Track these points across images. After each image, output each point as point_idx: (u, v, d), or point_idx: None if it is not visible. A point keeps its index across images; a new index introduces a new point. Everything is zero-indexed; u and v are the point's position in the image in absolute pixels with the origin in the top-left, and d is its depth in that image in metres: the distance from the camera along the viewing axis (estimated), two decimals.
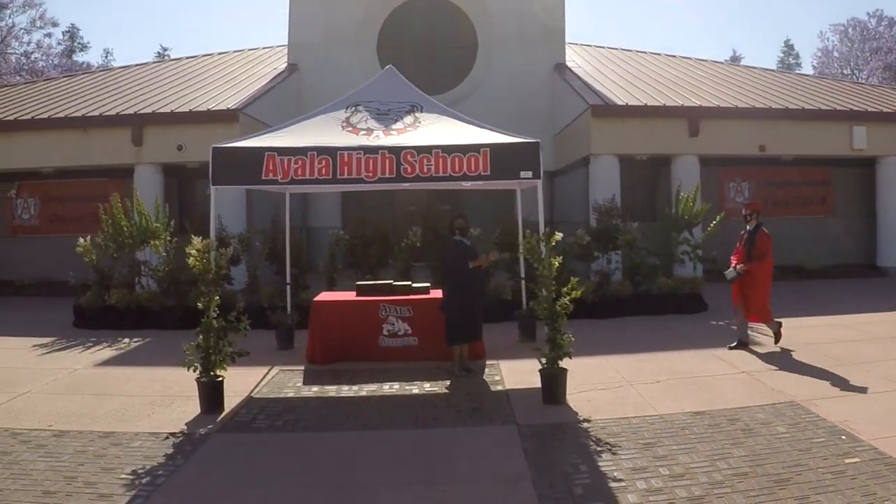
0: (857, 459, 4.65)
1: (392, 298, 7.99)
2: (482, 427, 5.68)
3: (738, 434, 5.24)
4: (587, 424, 5.59)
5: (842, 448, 4.88)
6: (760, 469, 4.55)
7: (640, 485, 4.36)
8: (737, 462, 4.69)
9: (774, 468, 4.56)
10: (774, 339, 8.36)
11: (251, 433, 5.61)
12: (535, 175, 7.05)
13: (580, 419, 5.73)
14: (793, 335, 8.93)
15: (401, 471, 4.77)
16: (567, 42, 18.73)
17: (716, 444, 5.03)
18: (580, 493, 4.27)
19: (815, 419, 5.52)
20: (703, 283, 11.20)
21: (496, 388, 6.82)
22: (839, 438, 5.07)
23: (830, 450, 4.85)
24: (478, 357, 7.81)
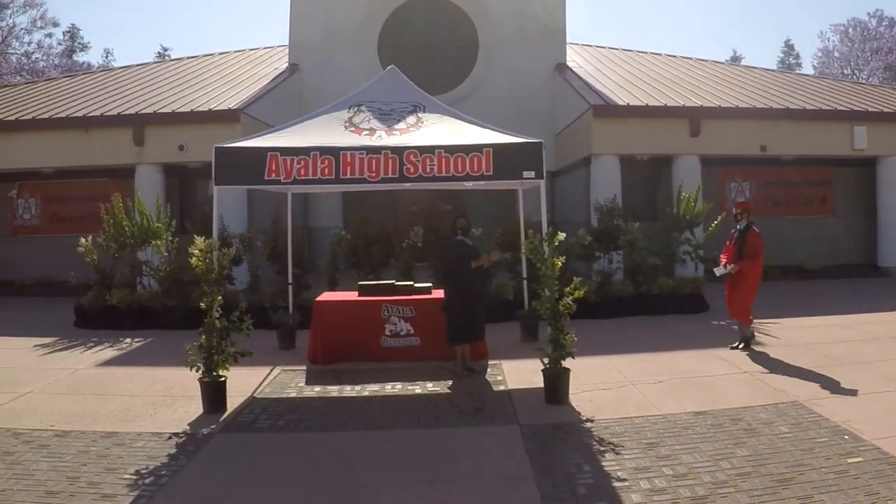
0: (860, 459, 4.66)
1: (394, 298, 7.99)
2: (485, 427, 5.68)
3: (741, 434, 5.24)
4: (590, 424, 5.59)
5: (844, 448, 4.88)
6: (763, 469, 4.56)
7: (644, 484, 4.36)
8: (740, 462, 4.69)
9: (777, 468, 4.56)
10: (741, 342, 8.13)
11: (254, 433, 5.62)
12: (538, 175, 7.05)
13: (583, 419, 5.73)
14: (794, 335, 8.95)
15: (403, 471, 4.77)
16: (568, 42, 18.75)
17: (718, 444, 5.03)
18: (583, 493, 4.27)
19: (818, 419, 5.53)
20: (705, 284, 11.20)
21: (498, 388, 6.82)
22: (842, 438, 5.08)
23: (833, 449, 4.85)
24: (480, 357, 7.80)
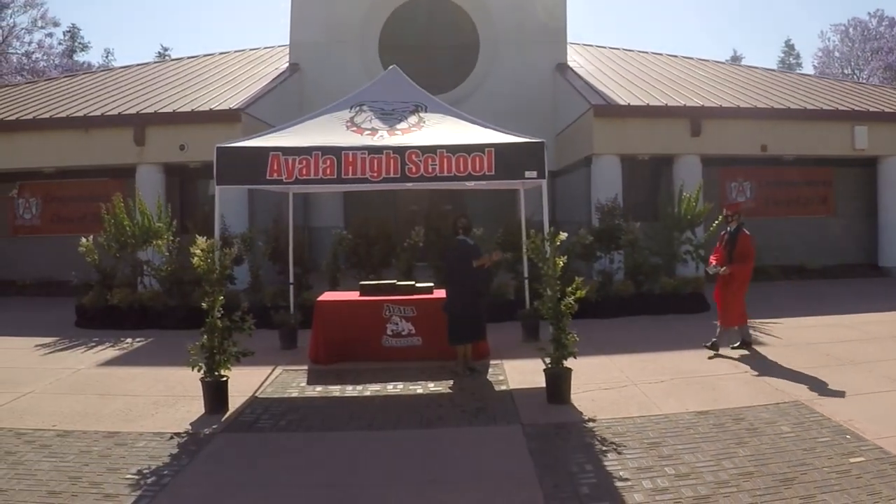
0: (862, 458, 4.66)
1: (396, 298, 7.99)
2: (487, 427, 5.68)
3: (743, 433, 5.24)
4: (592, 424, 5.59)
5: (846, 447, 4.88)
6: (765, 468, 4.56)
7: (646, 484, 4.36)
8: (742, 461, 4.69)
9: (779, 467, 4.57)
10: (711, 345, 8.00)
11: (255, 433, 5.61)
12: (540, 175, 7.04)
13: (585, 419, 5.73)
14: (795, 335, 8.95)
15: (405, 471, 4.77)
16: (568, 42, 18.74)
17: (721, 444, 5.03)
18: (586, 493, 4.27)
19: (820, 419, 5.53)
20: (706, 283, 11.18)
21: (500, 388, 6.82)
22: (844, 438, 5.08)
23: (835, 449, 4.86)
24: (481, 357, 7.81)
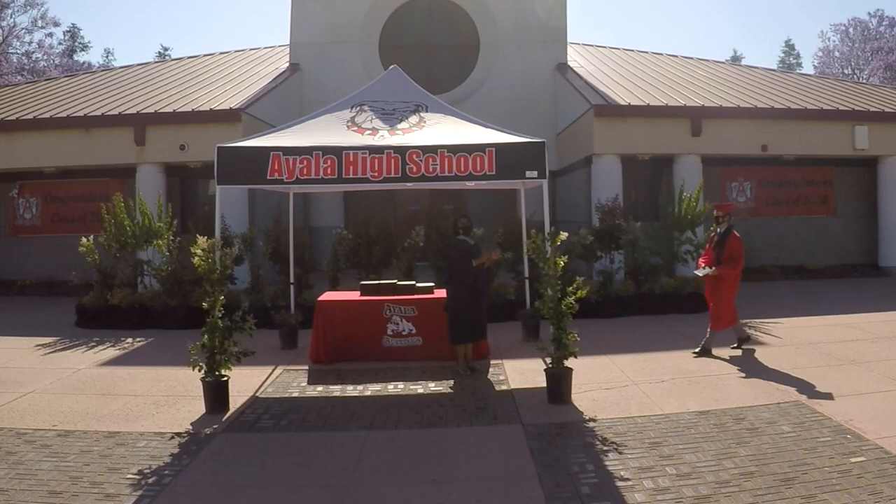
0: (863, 458, 4.66)
1: (396, 298, 7.99)
2: (487, 427, 5.68)
3: (744, 433, 5.24)
4: (593, 424, 5.59)
5: (847, 447, 4.88)
6: (766, 468, 4.56)
7: (647, 484, 4.36)
8: (743, 461, 4.69)
9: (780, 467, 4.56)
10: (700, 350, 7.87)
11: (256, 433, 5.61)
12: (541, 175, 7.04)
13: (585, 418, 5.73)
14: (795, 335, 8.96)
15: (406, 470, 4.76)
16: (568, 42, 18.75)
17: (721, 444, 5.03)
18: (587, 493, 4.27)
19: (820, 418, 5.53)
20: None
21: (501, 388, 6.82)
22: (844, 437, 5.08)
23: (836, 449, 4.85)
24: (482, 356, 7.81)
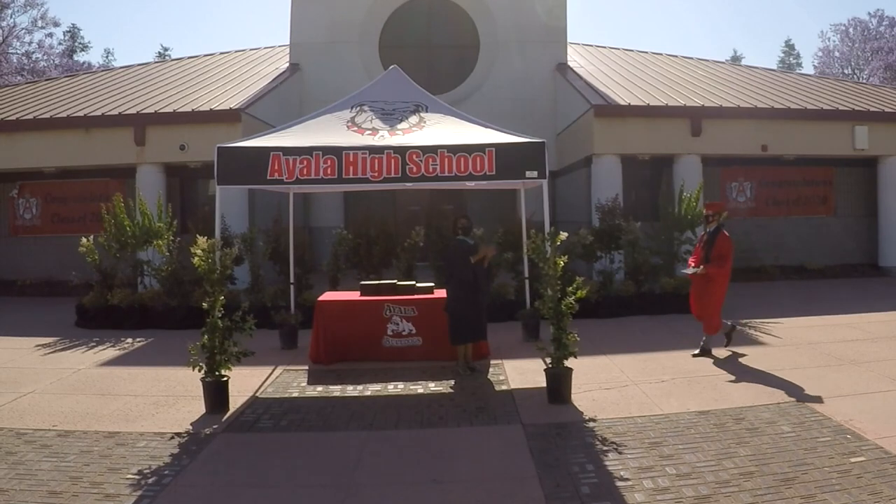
0: (863, 458, 4.66)
1: (396, 298, 7.98)
2: (488, 427, 5.68)
3: (744, 433, 5.24)
4: (593, 424, 5.59)
5: (847, 447, 4.88)
6: (766, 468, 4.56)
7: (647, 484, 4.36)
8: (743, 461, 4.69)
9: (780, 467, 4.56)
10: (700, 351, 7.86)
11: (256, 433, 5.61)
12: (541, 175, 7.04)
13: (585, 418, 5.73)
14: (795, 334, 8.96)
15: (406, 471, 4.76)
16: (568, 42, 18.75)
17: (721, 444, 5.03)
18: (587, 493, 4.27)
19: (820, 418, 5.53)
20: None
21: (501, 388, 6.82)
22: (844, 437, 5.08)
23: (836, 449, 4.85)
24: (482, 356, 7.81)
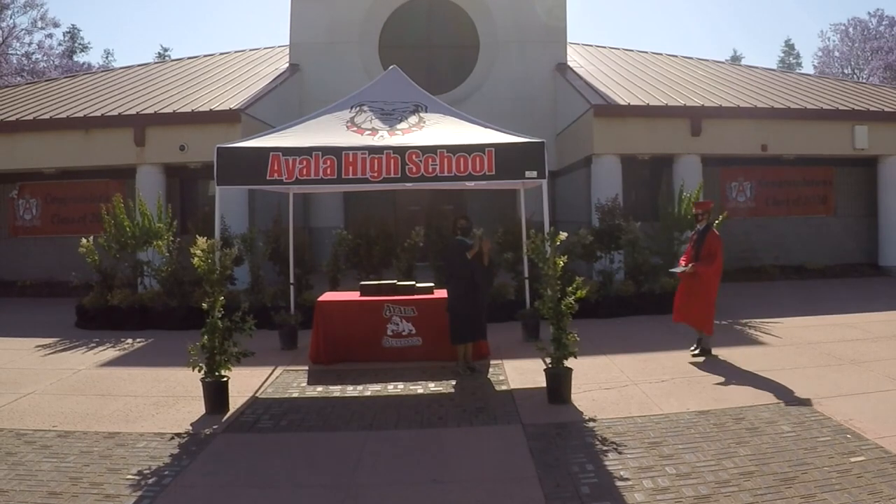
0: (863, 458, 4.66)
1: (396, 298, 7.99)
2: (487, 427, 5.68)
3: (744, 433, 5.24)
4: (592, 424, 5.59)
5: (847, 447, 4.88)
6: (766, 468, 4.55)
7: (647, 484, 4.36)
8: (742, 461, 4.69)
9: (780, 467, 4.56)
10: (700, 352, 7.80)
11: (256, 433, 5.61)
12: (541, 175, 7.04)
13: (585, 418, 5.73)
14: (795, 334, 8.96)
15: (406, 470, 4.77)
16: (568, 42, 18.75)
17: (721, 443, 5.03)
18: (587, 493, 4.27)
19: (820, 418, 5.53)
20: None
21: (501, 388, 6.82)
22: (844, 437, 5.08)
23: (836, 448, 4.85)
24: (482, 356, 7.81)
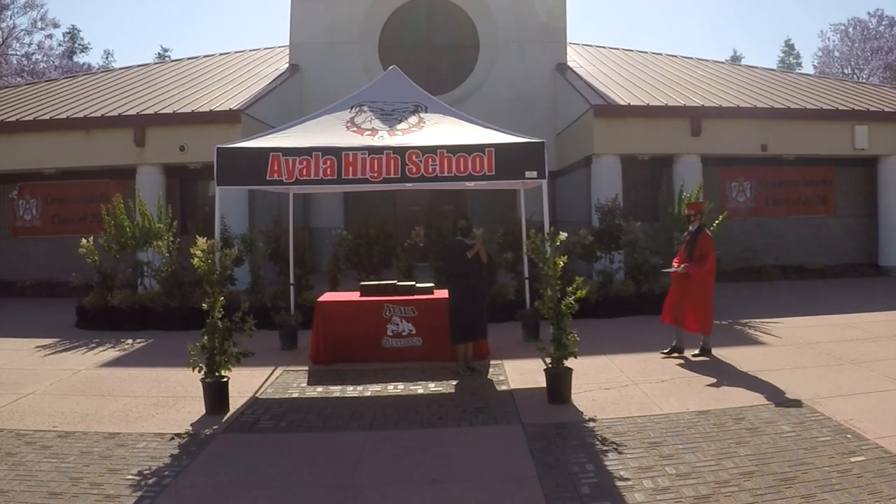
0: (863, 458, 4.66)
1: (396, 298, 7.99)
2: (487, 427, 5.68)
3: (744, 433, 5.24)
4: (592, 424, 5.59)
5: (847, 447, 4.88)
6: (766, 468, 4.55)
7: (647, 484, 4.36)
8: (742, 461, 4.69)
9: (780, 467, 4.56)
10: (700, 352, 7.80)
11: (256, 433, 5.61)
12: (541, 175, 7.04)
13: (585, 418, 5.73)
14: (795, 334, 8.96)
15: (406, 470, 4.76)
16: (568, 42, 18.76)
17: (721, 443, 5.03)
18: (587, 493, 4.27)
19: (820, 418, 5.53)
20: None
21: (501, 388, 6.82)
22: (844, 437, 5.08)
23: (836, 448, 4.85)
24: (482, 356, 7.81)
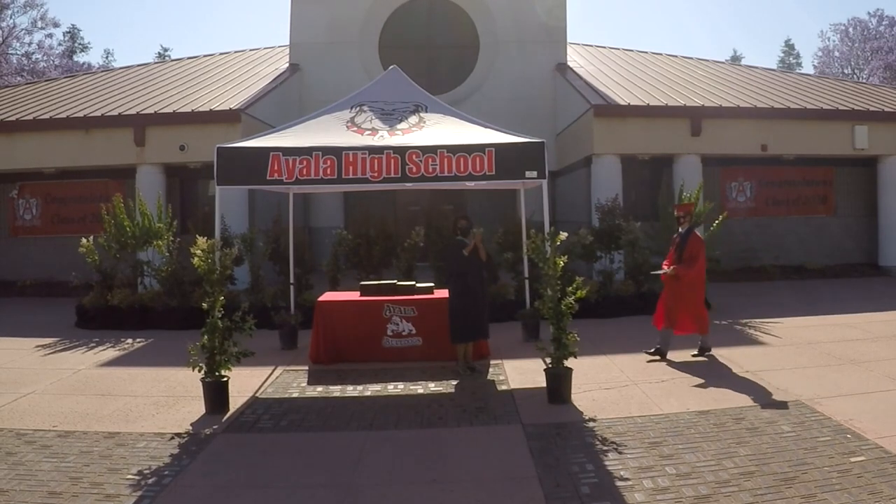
0: (863, 458, 4.66)
1: (396, 298, 7.99)
2: (487, 426, 5.68)
3: (744, 433, 5.24)
4: (592, 424, 5.59)
5: (847, 447, 4.88)
6: (766, 468, 4.56)
7: (647, 483, 4.36)
8: (742, 461, 4.69)
9: (780, 467, 4.56)
10: (699, 352, 7.82)
11: (256, 433, 5.61)
12: (541, 175, 7.05)
13: (585, 418, 5.73)
14: (795, 334, 8.96)
15: (406, 471, 4.77)
16: (568, 42, 18.76)
17: (721, 443, 5.03)
18: (587, 493, 4.27)
19: (820, 418, 5.53)
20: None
21: (501, 388, 6.82)
22: (844, 437, 5.08)
23: (836, 448, 4.85)
24: (482, 356, 7.81)
